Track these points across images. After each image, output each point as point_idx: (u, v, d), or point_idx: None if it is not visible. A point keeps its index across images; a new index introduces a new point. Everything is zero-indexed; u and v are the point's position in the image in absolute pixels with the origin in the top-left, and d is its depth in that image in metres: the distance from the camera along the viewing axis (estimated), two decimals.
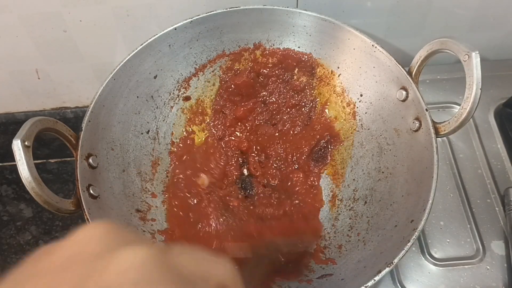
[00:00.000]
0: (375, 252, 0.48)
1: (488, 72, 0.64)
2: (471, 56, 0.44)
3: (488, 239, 0.57)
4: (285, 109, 0.62)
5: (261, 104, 0.61)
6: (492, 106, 0.67)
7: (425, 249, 0.57)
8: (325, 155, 0.60)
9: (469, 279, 0.55)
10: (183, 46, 0.58)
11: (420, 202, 0.46)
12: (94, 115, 0.51)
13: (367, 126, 0.58)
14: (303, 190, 0.58)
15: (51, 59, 0.68)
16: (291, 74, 0.61)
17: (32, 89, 0.73)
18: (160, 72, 0.58)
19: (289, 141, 0.61)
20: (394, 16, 0.66)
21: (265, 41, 0.60)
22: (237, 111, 0.61)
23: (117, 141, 0.54)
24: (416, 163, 0.50)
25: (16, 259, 0.86)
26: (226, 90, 0.61)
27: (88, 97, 0.75)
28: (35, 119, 0.43)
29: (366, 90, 0.58)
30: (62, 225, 0.88)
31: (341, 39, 0.57)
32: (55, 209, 0.43)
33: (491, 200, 0.60)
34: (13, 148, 0.40)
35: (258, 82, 0.61)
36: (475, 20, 0.68)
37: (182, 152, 0.59)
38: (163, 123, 0.60)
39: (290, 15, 0.58)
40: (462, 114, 0.46)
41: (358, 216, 0.54)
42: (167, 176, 0.58)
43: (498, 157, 0.63)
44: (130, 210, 0.52)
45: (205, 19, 0.57)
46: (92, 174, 0.49)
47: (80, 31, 0.64)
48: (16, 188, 0.89)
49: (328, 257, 0.52)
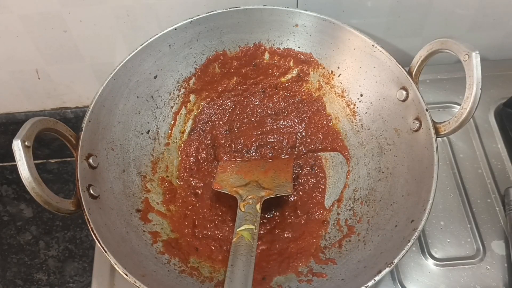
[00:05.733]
0: (375, 252, 0.48)
1: (488, 72, 0.64)
2: (471, 56, 0.44)
3: (489, 239, 0.57)
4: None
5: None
6: (492, 106, 0.67)
7: (425, 249, 0.57)
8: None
9: (469, 279, 0.55)
10: (183, 46, 0.58)
11: (420, 202, 0.46)
12: (94, 115, 0.51)
13: (367, 126, 0.58)
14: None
15: (51, 59, 0.68)
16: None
17: (32, 89, 0.73)
18: (160, 72, 0.58)
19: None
20: (394, 16, 0.66)
21: (265, 41, 0.60)
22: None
23: (117, 141, 0.54)
24: (416, 163, 0.50)
25: (16, 259, 0.86)
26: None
27: (88, 97, 0.75)
28: (35, 119, 0.43)
29: (366, 90, 0.58)
30: (62, 225, 0.88)
31: (341, 39, 0.57)
32: (55, 209, 0.43)
33: (491, 200, 0.60)
34: (13, 148, 0.40)
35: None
36: (475, 20, 0.68)
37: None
38: (163, 123, 0.60)
39: (290, 15, 0.58)
40: (462, 114, 0.46)
41: (358, 216, 0.54)
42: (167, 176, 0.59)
43: (498, 157, 0.63)
44: (130, 210, 0.52)
45: (205, 19, 0.57)
46: (92, 174, 0.49)
47: (80, 31, 0.64)
48: (16, 188, 0.89)
49: (328, 257, 0.52)
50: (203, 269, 0.52)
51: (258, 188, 0.56)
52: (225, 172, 0.59)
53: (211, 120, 0.63)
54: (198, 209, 0.58)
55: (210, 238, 0.55)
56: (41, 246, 0.87)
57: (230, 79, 0.62)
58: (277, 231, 0.56)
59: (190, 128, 0.62)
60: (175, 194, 0.58)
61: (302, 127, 0.62)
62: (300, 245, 0.54)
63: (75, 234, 0.88)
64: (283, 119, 0.63)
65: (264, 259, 0.53)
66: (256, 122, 0.63)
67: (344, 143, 0.60)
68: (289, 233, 0.56)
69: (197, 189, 0.59)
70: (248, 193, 0.55)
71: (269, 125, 0.63)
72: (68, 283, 0.85)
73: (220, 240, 0.55)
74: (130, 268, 0.43)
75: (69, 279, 0.86)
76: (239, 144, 0.62)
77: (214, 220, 0.57)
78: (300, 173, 0.60)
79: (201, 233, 0.56)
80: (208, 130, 0.62)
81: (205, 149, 0.62)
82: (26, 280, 0.85)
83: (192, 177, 0.60)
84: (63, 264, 0.86)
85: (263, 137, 0.63)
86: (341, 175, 0.59)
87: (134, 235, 0.50)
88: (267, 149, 0.62)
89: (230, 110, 0.63)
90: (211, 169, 0.61)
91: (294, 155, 0.62)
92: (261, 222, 0.56)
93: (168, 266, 0.50)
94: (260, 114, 0.63)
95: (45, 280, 0.85)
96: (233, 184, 0.57)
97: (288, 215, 0.57)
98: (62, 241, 0.87)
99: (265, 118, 0.63)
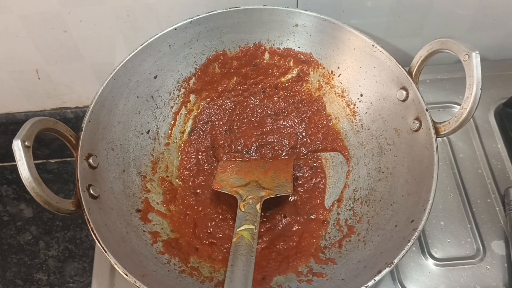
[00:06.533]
0: (375, 252, 0.48)
1: (488, 72, 0.64)
2: (471, 56, 0.44)
3: (489, 239, 0.57)
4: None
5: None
6: (492, 106, 0.67)
7: (425, 249, 0.57)
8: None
9: (469, 279, 0.55)
10: (183, 46, 0.58)
11: (420, 202, 0.46)
12: (94, 115, 0.51)
13: (367, 126, 0.58)
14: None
15: (51, 59, 0.68)
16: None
17: (32, 89, 0.73)
18: (160, 72, 0.58)
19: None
20: (394, 16, 0.66)
21: (265, 41, 0.60)
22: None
23: (117, 141, 0.54)
24: (416, 163, 0.50)
25: (16, 259, 0.86)
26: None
27: (88, 97, 0.75)
28: (35, 119, 0.43)
29: (366, 90, 0.58)
30: (62, 225, 0.88)
31: (341, 39, 0.57)
32: (55, 209, 0.43)
33: (491, 200, 0.60)
34: (13, 148, 0.40)
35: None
36: (475, 20, 0.68)
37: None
38: (163, 123, 0.60)
39: (290, 15, 0.58)
40: (462, 114, 0.46)
41: (358, 216, 0.54)
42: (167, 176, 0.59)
43: (498, 157, 0.63)
44: (130, 210, 0.52)
45: (205, 19, 0.57)
46: (92, 174, 0.49)
47: (80, 31, 0.64)
48: (17, 188, 0.89)
49: (328, 257, 0.52)
50: (203, 269, 0.52)
51: (258, 188, 0.56)
52: (225, 172, 0.59)
53: (211, 120, 0.63)
54: (198, 209, 0.58)
55: (210, 237, 0.55)
56: (41, 246, 0.87)
57: (230, 79, 0.62)
58: (277, 231, 0.56)
59: (190, 128, 0.62)
60: (175, 194, 0.58)
61: (302, 127, 0.62)
62: (300, 245, 0.54)
63: (75, 234, 0.88)
64: (283, 119, 0.63)
65: (264, 259, 0.53)
66: (256, 122, 0.63)
67: (344, 143, 0.60)
68: (289, 233, 0.56)
69: (197, 189, 0.59)
70: (248, 193, 0.55)
71: (269, 125, 0.63)
72: (68, 283, 0.85)
73: (221, 240, 0.55)
74: (130, 268, 0.43)
75: (69, 279, 0.86)
76: (239, 144, 0.62)
77: (214, 219, 0.57)
78: (300, 173, 0.60)
79: (201, 232, 0.56)
80: (208, 130, 0.62)
81: (205, 149, 0.62)
82: (26, 280, 0.85)
83: (192, 177, 0.60)
84: (63, 264, 0.86)
85: (263, 137, 0.63)
86: (341, 175, 0.59)
87: (134, 235, 0.50)
88: (267, 149, 0.62)
89: (230, 110, 0.63)
90: (211, 169, 0.61)
91: (294, 155, 0.62)
92: (261, 222, 0.56)
93: (168, 266, 0.50)
94: (260, 114, 0.63)
95: (45, 280, 0.85)
96: (233, 184, 0.57)
97: (288, 215, 0.57)
98: (62, 241, 0.87)
99: (265, 118, 0.63)
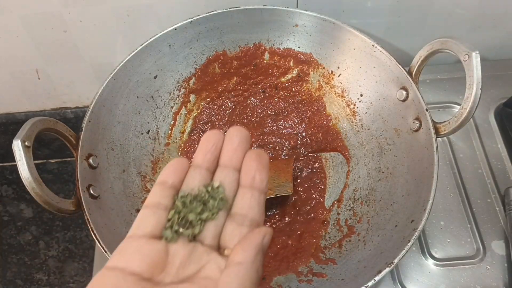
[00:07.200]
0: (375, 252, 0.48)
1: (488, 72, 0.64)
2: (471, 56, 0.44)
3: (489, 239, 0.57)
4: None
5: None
6: (492, 106, 0.67)
7: (425, 249, 0.57)
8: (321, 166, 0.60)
9: (469, 279, 0.55)
10: (183, 46, 0.58)
11: (420, 202, 0.46)
12: (94, 115, 0.51)
13: (367, 126, 0.58)
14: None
15: (51, 59, 0.68)
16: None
17: (32, 89, 0.73)
18: (160, 72, 0.58)
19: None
20: (394, 16, 0.66)
21: (265, 41, 0.60)
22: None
23: (117, 141, 0.54)
24: (416, 163, 0.50)
25: (16, 259, 0.86)
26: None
27: (88, 97, 0.75)
28: (35, 119, 0.43)
29: (366, 90, 0.58)
30: (62, 225, 0.88)
31: (341, 39, 0.57)
32: (55, 209, 0.43)
33: (491, 200, 0.60)
34: (13, 148, 0.40)
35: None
36: (475, 20, 0.68)
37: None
38: (163, 123, 0.60)
39: (290, 15, 0.58)
40: (462, 114, 0.46)
41: (358, 216, 0.54)
42: None
43: (498, 157, 0.63)
44: (130, 210, 0.52)
45: (205, 19, 0.57)
46: (92, 174, 0.49)
47: (80, 31, 0.64)
48: (17, 188, 0.89)
49: (328, 257, 0.52)
50: None
51: None
52: None
53: (211, 121, 0.63)
54: None
55: None
56: (41, 246, 0.87)
57: (230, 79, 0.62)
58: (277, 231, 0.56)
59: (190, 128, 0.62)
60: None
61: (302, 127, 0.62)
62: (300, 245, 0.54)
63: (75, 234, 0.88)
64: (283, 119, 0.63)
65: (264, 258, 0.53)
66: (256, 123, 0.63)
67: (344, 143, 0.60)
68: (289, 233, 0.56)
69: None
70: None
71: (269, 126, 0.63)
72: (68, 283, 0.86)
73: None
74: None
75: (69, 279, 0.86)
76: None
77: None
78: (300, 173, 0.60)
79: None
80: (208, 130, 0.62)
81: None
82: (26, 280, 0.85)
83: None
84: (63, 264, 0.86)
85: (263, 137, 0.63)
86: (341, 175, 0.59)
87: None
88: (267, 150, 0.62)
89: (230, 110, 0.63)
90: None
91: (294, 155, 0.62)
92: None
93: None
94: (260, 114, 0.63)
95: (45, 280, 0.86)
96: None
97: (288, 215, 0.57)
98: (62, 241, 0.87)
99: (265, 118, 0.63)
